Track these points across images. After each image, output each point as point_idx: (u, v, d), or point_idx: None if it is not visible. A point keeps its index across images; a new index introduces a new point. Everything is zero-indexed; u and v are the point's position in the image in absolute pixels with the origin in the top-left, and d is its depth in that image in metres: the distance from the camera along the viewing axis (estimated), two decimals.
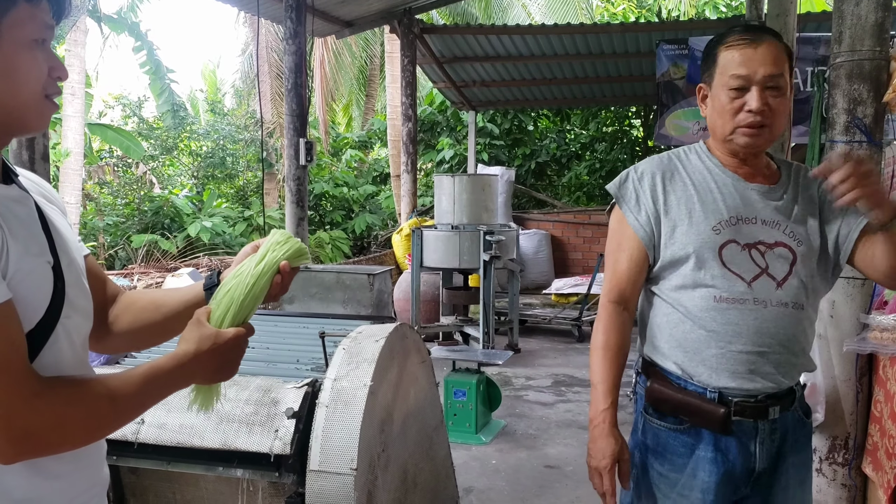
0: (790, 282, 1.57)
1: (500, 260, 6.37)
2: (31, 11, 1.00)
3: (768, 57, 1.54)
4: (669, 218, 1.62)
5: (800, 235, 1.60)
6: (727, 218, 1.59)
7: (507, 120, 13.10)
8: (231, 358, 1.14)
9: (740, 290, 1.56)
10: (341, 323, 2.61)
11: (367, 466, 1.84)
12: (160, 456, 1.94)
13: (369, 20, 9.24)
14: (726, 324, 1.55)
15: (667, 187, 1.64)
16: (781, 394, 1.59)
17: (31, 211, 1.07)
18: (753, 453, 1.58)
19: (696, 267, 1.58)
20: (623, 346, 1.66)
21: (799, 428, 1.64)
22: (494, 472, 4.07)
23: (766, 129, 1.57)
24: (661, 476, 1.64)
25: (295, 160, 6.59)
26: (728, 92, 1.57)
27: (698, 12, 13.07)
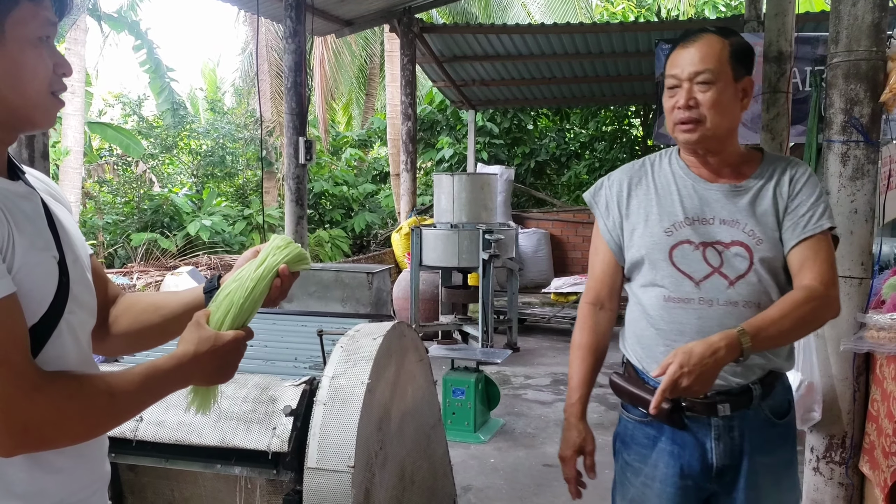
0: (747, 280, 1.59)
1: (499, 259, 6.38)
2: (34, 9, 1.01)
3: (697, 55, 1.60)
4: (630, 222, 1.70)
5: (760, 233, 1.60)
6: (682, 219, 1.64)
7: (506, 119, 13.11)
8: (229, 360, 1.15)
9: (687, 290, 1.60)
10: (339, 321, 2.62)
11: (364, 464, 1.85)
12: (159, 453, 1.95)
13: (369, 19, 9.24)
14: (672, 322, 1.61)
15: (631, 192, 1.71)
16: (735, 391, 1.59)
17: (38, 207, 1.08)
18: (709, 449, 1.61)
19: (649, 268, 1.65)
20: (595, 344, 1.75)
21: (767, 428, 1.63)
22: (493, 470, 4.08)
23: (701, 123, 1.60)
24: (628, 465, 1.72)
25: (294, 159, 6.59)
26: (666, 92, 1.65)
27: (697, 12, 13.07)
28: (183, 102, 16.30)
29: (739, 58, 1.62)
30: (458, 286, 7.02)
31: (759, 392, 1.61)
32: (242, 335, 1.15)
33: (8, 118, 1.04)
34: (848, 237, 2.88)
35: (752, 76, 1.67)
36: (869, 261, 2.90)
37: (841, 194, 2.89)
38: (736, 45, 1.62)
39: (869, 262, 2.90)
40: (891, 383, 2.63)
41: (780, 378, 1.67)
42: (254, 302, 1.18)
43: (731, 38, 1.63)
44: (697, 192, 1.65)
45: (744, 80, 1.63)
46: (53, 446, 1.01)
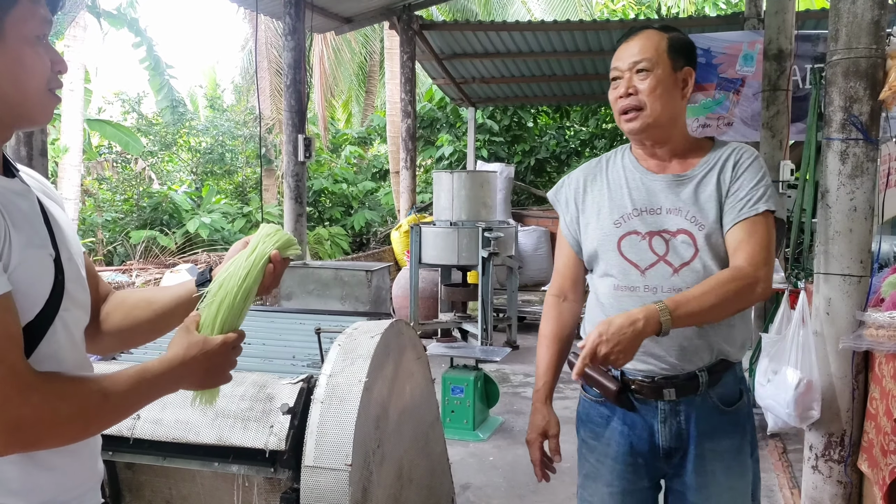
0: (691, 267, 1.64)
1: (499, 257, 6.38)
2: (33, 8, 1.03)
3: (634, 47, 1.68)
4: (585, 216, 1.78)
5: (702, 220, 1.66)
6: (630, 211, 1.71)
7: (506, 116, 13.10)
8: (219, 363, 1.15)
9: (633, 279, 1.67)
10: (338, 319, 2.61)
11: (362, 462, 1.84)
12: (156, 451, 1.94)
13: (368, 16, 9.23)
14: (620, 309, 1.64)
15: (587, 189, 1.80)
16: (683, 377, 1.65)
17: (34, 204, 1.08)
18: (656, 431, 1.69)
19: (601, 259, 1.73)
20: (560, 333, 1.84)
21: (715, 415, 1.68)
22: (492, 468, 4.07)
23: (643, 111, 1.66)
24: (584, 442, 1.81)
25: (294, 156, 6.59)
26: (611, 86, 1.74)
27: (698, 9, 13.05)
28: (182, 100, 16.30)
29: (677, 48, 1.69)
30: (458, 284, 7.02)
31: (706, 380, 1.66)
32: (232, 338, 1.15)
33: (6, 115, 1.05)
34: (847, 235, 2.88)
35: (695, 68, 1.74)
36: (868, 259, 2.90)
37: (840, 192, 2.89)
38: (674, 37, 1.70)
39: (868, 259, 2.90)
40: (889, 381, 2.63)
41: (732, 367, 1.71)
42: (248, 290, 1.18)
43: (669, 32, 1.72)
44: (645, 183, 1.72)
45: (683, 71, 1.70)
46: (45, 446, 1.01)
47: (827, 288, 2.93)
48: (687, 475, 1.69)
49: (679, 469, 1.71)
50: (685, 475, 1.70)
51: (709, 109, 8.02)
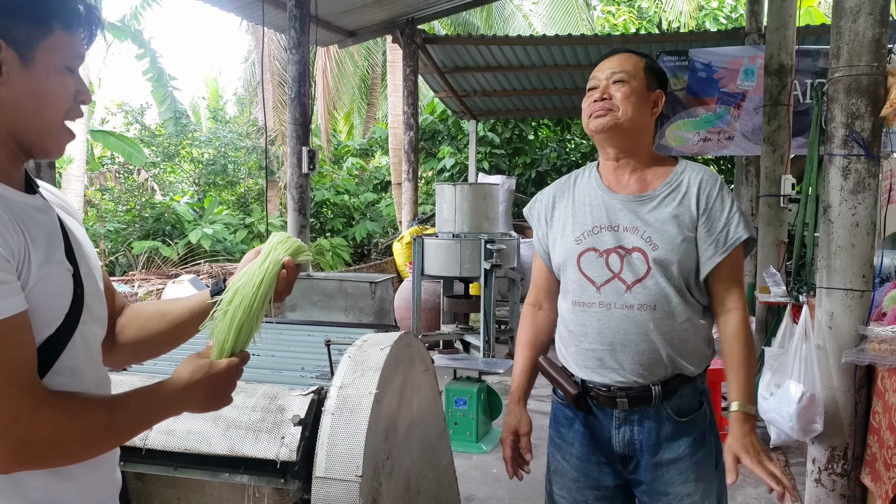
0: (644, 284, 1.70)
1: (501, 269, 6.40)
2: (67, 39, 1.07)
3: (615, 62, 1.79)
4: (553, 232, 1.87)
5: (657, 240, 1.71)
6: (590, 228, 1.77)
7: (507, 129, 13.17)
8: (222, 388, 1.17)
9: (589, 295, 1.75)
10: (345, 331, 2.63)
11: (371, 473, 1.86)
12: (167, 462, 1.96)
13: (372, 30, 9.31)
14: (578, 324, 1.77)
15: (556, 205, 1.88)
16: (637, 389, 1.72)
17: (54, 220, 1.10)
18: (612, 436, 1.77)
19: (564, 274, 1.82)
20: (535, 340, 1.92)
21: (669, 425, 1.74)
22: (495, 480, 4.08)
23: (612, 112, 1.74)
24: (552, 440, 1.90)
25: (297, 168, 6.62)
26: (586, 94, 1.81)
27: (699, 24, 13.14)
28: (185, 111, 16.38)
29: (652, 71, 1.79)
30: (460, 296, 7.03)
31: (660, 392, 1.72)
32: (236, 362, 1.17)
33: (23, 138, 1.07)
34: (849, 250, 2.90)
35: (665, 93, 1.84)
36: (870, 273, 2.93)
37: (842, 207, 2.92)
38: (649, 62, 1.81)
39: (870, 274, 2.93)
40: (892, 395, 2.65)
41: (691, 381, 1.76)
42: (263, 296, 1.20)
43: (646, 57, 1.82)
44: (605, 201, 1.78)
45: (655, 93, 1.80)
46: (49, 465, 1.01)
47: (829, 302, 2.96)
48: (644, 483, 1.77)
49: (636, 475, 1.78)
50: (642, 483, 1.77)
51: (710, 123, 8.07)
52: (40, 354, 1.02)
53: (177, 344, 1.35)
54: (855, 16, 2.88)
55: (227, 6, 7.60)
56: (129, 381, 2.15)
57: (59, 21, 1.05)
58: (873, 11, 2.85)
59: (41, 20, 1.04)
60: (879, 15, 2.85)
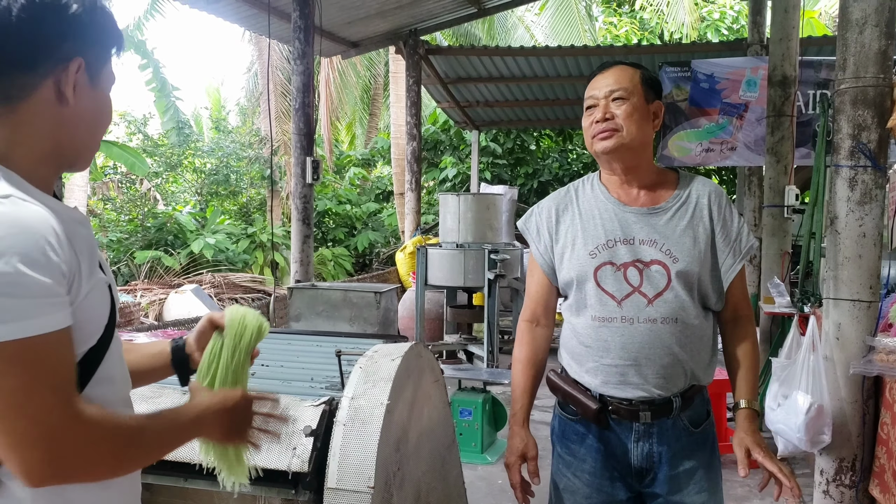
0: (664, 297, 1.69)
1: (505, 279, 6.40)
2: (114, 62, 1.14)
3: (611, 77, 1.77)
4: (560, 246, 1.82)
5: (677, 252, 1.71)
6: (604, 241, 1.75)
7: (509, 139, 13.21)
8: (241, 417, 1.21)
9: (610, 310, 1.72)
10: (354, 341, 2.63)
11: (383, 485, 1.86)
12: (178, 472, 1.95)
13: (375, 41, 9.36)
14: (598, 340, 1.73)
15: (560, 218, 1.84)
16: (657, 402, 1.71)
17: (91, 232, 1.12)
18: (630, 450, 1.75)
19: (578, 289, 1.77)
20: (534, 358, 1.89)
21: (684, 436, 1.75)
22: (500, 492, 4.06)
23: (618, 133, 1.73)
24: (560, 457, 1.85)
25: (302, 178, 6.64)
26: (585, 114, 1.80)
27: (700, 35, 13.20)
28: (188, 121, 16.44)
29: (649, 83, 1.78)
30: (464, 306, 7.03)
31: (679, 404, 1.73)
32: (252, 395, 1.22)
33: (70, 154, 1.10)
34: (856, 261, 2.91)
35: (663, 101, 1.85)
36: (877, 284, 2.93)
37: (849, 218, 2.92)
38: (645, 73, 1.80)
39: (877, 285, 2.93)
40: None
41: (701, 391, 1.79)
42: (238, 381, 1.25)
43: (640, 68, 1.81)
44: (617, 214, 1.77)
45: (654, 104, 1.79)
46: (76, 481, 1.01)
47: (837, 313, 2.96)
48: (661, 495, 1.75)
49: (651, 488, 1.76)
50: (659, 496, 1.75)
51: (712, 134, 8.09)
52: (83, 365, 1.04)
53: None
54: (861, 28, 2.90)
55: (231, 17, 7.65)
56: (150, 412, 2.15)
57: (116, 45, 1.13)
58: (879, 23, 2.87)
59: (107, 45, 1.11)
60: (885, 27, 2.87)
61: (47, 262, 0.94)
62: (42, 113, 1.04)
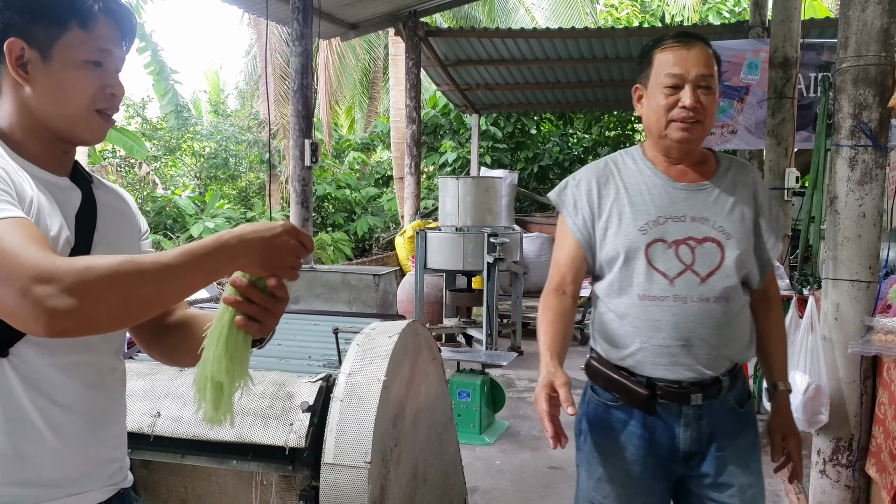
0: (717, 276, 1.66)
1: (504, 262, 6.39)
2: (84, 36, 1.14)
3: (700, 58, 1.66)
4: (603, 220, 1.74)
5: (729, 230, 1.68)
6: (655, 217, 1.69)
7: (509, 123, 13.15)
8: (281, 242, 1.02)
9: (662, 288, 1.66)
10: (351, 320, 2.63)
11: (380, 460, 1.86)
12: (175, 449, 1.96)
13: (374, 23, 9.29)
14: (647, 319, 1.67)
15: (601, 191, 1.76)
16: (706, 382, 1.68)
17: (73, 201, 1.19)
18: (678, 434, 1.70)
19: (624, 266, 1.70)
20: (560, 319, 1.74)
21: (731, 416, 1.73)
22: (498, 472, 4.08)
23: (699, 124, 1.66)
24: (597, 445, 1.77)
25: (300, 161, 6.61)
26: (663, 90, 1.67)
27: (702, 17, 13.11)
28: (186, 105, 16.36)
29: (719, 70, 1.72)
30: (463, 289, 7.04)
31: (728, 383, 1.70)
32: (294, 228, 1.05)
33: (54, 128, 1.16)
34: (856, 241, 2.90)
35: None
36: (877, 265, 2.92)
37: (849, 198, 2.91)
38: (717, 58, 1.72)
39: (877, 265, 2.92)
40: None
41: (741, 369, 1.78)
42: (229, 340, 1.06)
43: (712, 49, 1.73)
44: (667, 191, 1.71)
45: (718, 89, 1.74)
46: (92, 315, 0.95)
47: (835, 293, 2.95)
48: (707, 477, 1.71)
49: (697, 470, 1.72)
50: (706, 477, 1.71)
51: None
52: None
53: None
54: (863, 5, 2.87)
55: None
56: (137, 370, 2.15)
57: (75, 19, 1.13)
58: (882, 1, 2.83)
59: (58, 20, 1.12)
60: (888, 5, 2.83)
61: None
62: (10, 94, 1.15)
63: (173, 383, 2.00)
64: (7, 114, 1.16)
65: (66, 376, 1.15)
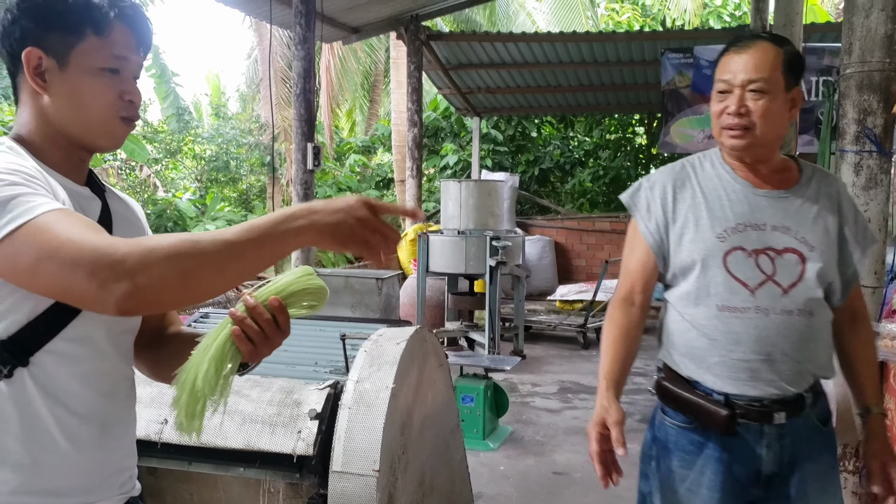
0: (799, 288, 1.58)
1: (507, 266, 6.39)
2: (100, 43, 1.14)
3: (750, 62, 1.59)
4: (677, 226, 1.67)
5: (812, 241, 1.60)
6: (734, 225, 1.61)
7: (510, 126, 13.15)
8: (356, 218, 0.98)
9: (742, 299, 1.58)
10: (357, 326, 2.63)
11: (388, 468, 1.86)
12: (182, 456, 1.96)
13: (376, 26, 9.30)
14: (727, 332, 1.58)
15: (676, 196, 1.69)
16: (788, 399, 1.60)
17: (94, 211, 1.20)
18: (760, 456, 1.61)
19: (701, 274, 1.62)
20: (626, 335, 1.69)
21: (814, 434, 1.65)
22: (503, 478, 4.08)
23: (750, 130, 1.59)
24: (671, 471, 1.67)
25: (303, 164, 6.62)
26: (716, 96, 1.65)
27: (702, 22, 13.13)
28: (187, 108, 16.37)
29: (792, 67, 1.62)
30: (465, 293, 7.03)
31: (811, 400, 1.63)
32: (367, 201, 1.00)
33: (72, 136, 1.17)
34: None
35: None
36: (882, 270, 2.92)
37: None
38: (789, 53, 1.62)
39: (882, 271, 2.92)
40: None
41: (822, 386, 1.70)
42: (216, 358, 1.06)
43: (784, 46, 1.63)
44: (747, 197, 1.64)
45: (794, 91, 1.63)
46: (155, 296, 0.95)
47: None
48: (787, 500, 1.64)
49: (777, 493, 1.65)
50: (785, 500, 1.64)
51: None
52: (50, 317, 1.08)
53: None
54: (867, 12, 2.87)
55: (232, 2, 7.59)
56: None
57: (91, 26, 1.14)
58: (885, 7, 2.84)
59: (73, 27, 1.13)
60: (892, 11, 2.84)
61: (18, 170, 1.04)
62: (29, 102, 1.16)
63: None
64: (27, 122, 1.17)
65: (83, 385, 1.15)
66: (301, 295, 1.12)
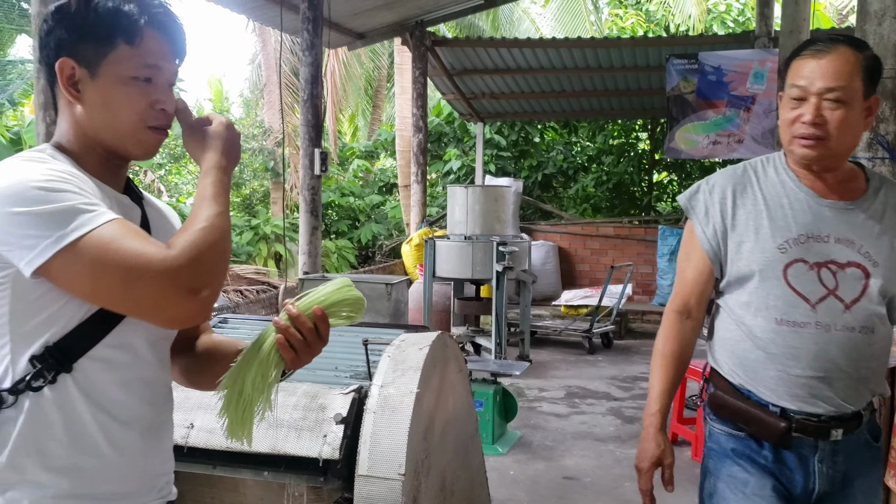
0: (861, 304, 1.54)
1: (513, 271, 6.41)
2: (131, 52, 1.16)
3: (829, 69, 1.51)
4: (736, 233, 1.62)
5: (876, 256, 1.55)
6: (796, 236, 1.56)
7: (513, 132, 13.18)
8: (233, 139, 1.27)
9: (803, 313, 1.54)
10: (376, 331, 2.64)
11: (413, 472, 1.87)
12: (208, 460, 1.97)
13: (381, 32, 9.34)
14: (785, 347, 1.55)
15: (737, 201, 1.63)
16: (847, 417, 1.57)
17: (135, 217, 1.22)
18: (812, 472, 1.58)
19: (759, 286, 1.57)
20: (681, 354, 1.70)
21: (865, 451, 1.62)
22: (513, 482, 4.09)
23: (824, 141, 1.52)
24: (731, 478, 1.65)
25: (310, 170, 6.65)
26: (789, 102, 1.57)
27: (707, 27, 13.17)
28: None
29: (871, 74, 1.55)
30: (471, 298, 7.05)
31: (868, 418, 1.61)
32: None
33: (106, 144, 1.19)
34: None
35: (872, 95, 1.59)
36: None
37: None
38: (869, 59, 1.54)
39: None
40: None
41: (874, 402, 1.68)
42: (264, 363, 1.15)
43: (864, 51, 1.55)
44: (811, 207, 1.58)
45: (871, 99, 1.57)
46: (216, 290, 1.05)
47: None
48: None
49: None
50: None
51: (719, 126, 8.09)
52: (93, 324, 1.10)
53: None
54: (880, 19, 2.91)
55: (238, 8, 7.63)
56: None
57: (122, 35, 1.14)
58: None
59: (104, 37, 1.14)
60: None
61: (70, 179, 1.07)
62: (65, 112, 1.19)
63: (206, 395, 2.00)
64: (66, 131, 1.20)
65: (125, 391, 1.17)
66: (341, 305, 1.18)
